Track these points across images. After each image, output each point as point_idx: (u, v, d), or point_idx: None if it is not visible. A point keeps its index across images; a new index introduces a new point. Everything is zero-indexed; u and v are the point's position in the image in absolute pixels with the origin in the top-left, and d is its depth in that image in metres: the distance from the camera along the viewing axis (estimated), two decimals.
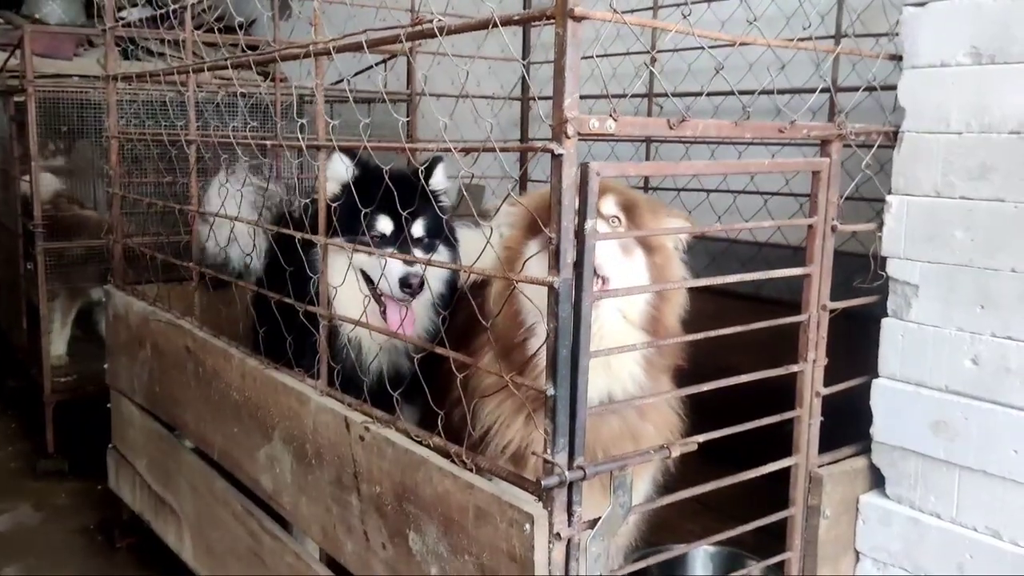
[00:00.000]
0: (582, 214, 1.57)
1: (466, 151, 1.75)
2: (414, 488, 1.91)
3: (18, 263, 4.99)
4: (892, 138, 2.06)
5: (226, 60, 2.53)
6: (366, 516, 2.09)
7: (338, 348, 2.43)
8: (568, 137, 1.53)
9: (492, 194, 4.60)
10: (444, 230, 2.51)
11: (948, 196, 1.96)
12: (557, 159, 1.54)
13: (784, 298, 3.05)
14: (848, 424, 2.16)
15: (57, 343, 4.90)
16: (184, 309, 3.10)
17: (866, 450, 2.13)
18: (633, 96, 3.87)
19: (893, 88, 2.09)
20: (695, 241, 3.55)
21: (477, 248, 1.91)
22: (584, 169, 1.56)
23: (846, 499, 2.10)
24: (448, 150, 1.77)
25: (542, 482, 1.59)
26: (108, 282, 3.69)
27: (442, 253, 2.52)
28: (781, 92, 2.43)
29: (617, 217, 2.08)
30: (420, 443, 1.95)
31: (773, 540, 2.10)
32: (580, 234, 1.57)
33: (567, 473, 1.60)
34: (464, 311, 2.21)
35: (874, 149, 2.06)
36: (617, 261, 1.99)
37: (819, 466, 2.05)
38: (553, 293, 1.57)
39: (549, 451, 1.61)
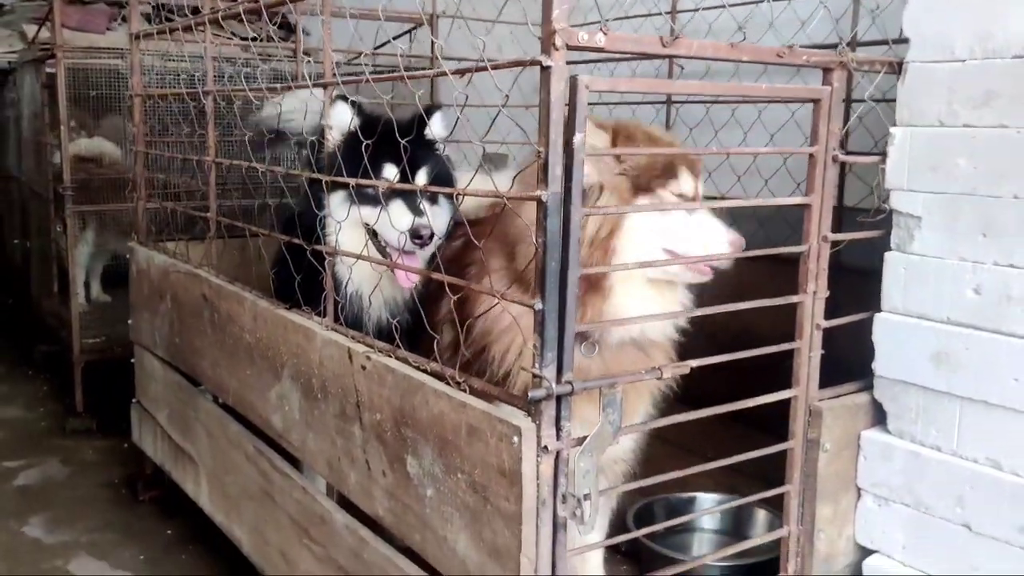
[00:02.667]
0: (570, 127, 1.57)
1: (460, 73, 1.76)
2: (412, 412, 1.94)
3: (50, 231, 5.12)
4: (896, 69, 2.03)
5: (239, 4, 2.56)
6: (368, 445, 2.12)
7: (342, 301, 2.44)
8: (556, 49, 1.54)
9: (514, 160, 4.60)
10: (447, 180, 2.48)
11: (952, 125, 1.93)
12: (546, 71, 1.55)
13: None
14: None
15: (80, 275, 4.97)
16: (201, 260, 3.15)
17: (869, 387, 2.12)
18: (654, 58, 3.87)
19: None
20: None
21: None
22: (573, 81, 1.56)
23: (847, 434, 2.08)
24: (443, 73, 1.79)
25: (529, 394, 1.61)
26: (132, 239, 3.77)
27: (443, 205, 2.49)
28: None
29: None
30: (418, 369, 1.97)
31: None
32: (569, 147, 1.58)
33: (555, 387, 1.61)
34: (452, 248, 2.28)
35: (878, 79, 2.04)
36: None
37: (819, 400, 2.04)
38: (542, 207, 1.58)
39: (537, 365, 1.63)
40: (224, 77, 3.36)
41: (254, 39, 4.71)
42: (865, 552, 2.12)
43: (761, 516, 2.67)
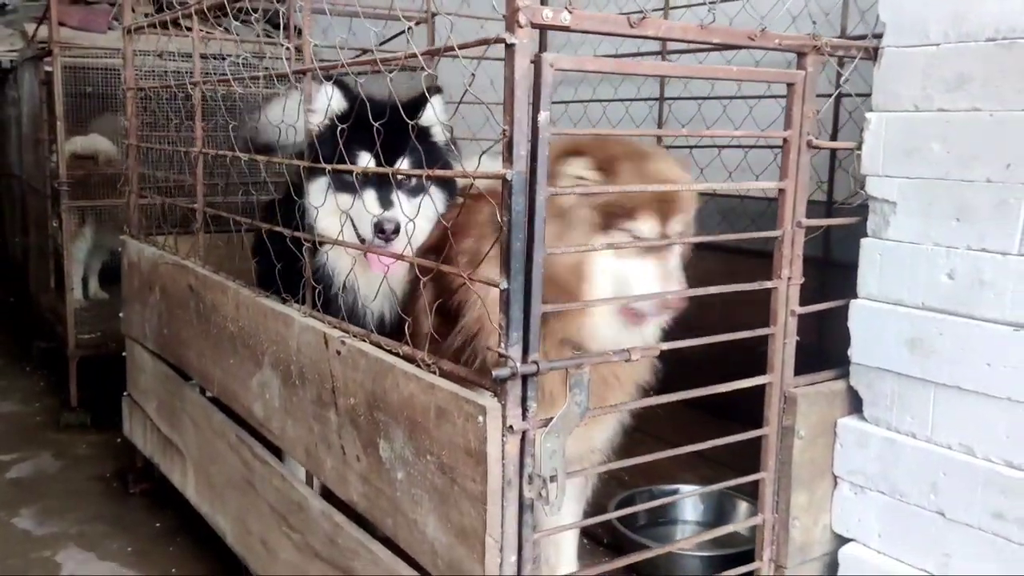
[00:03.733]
0: (535, 106, 1.57)
1: (430, 54, 1.76)
2: (383, 395, 1.94)
3: (48, 227, 5.14)
4: (872, 55, 2.03)
5: None
6: (343, 430, 2.12)
7: (331, 297, 2.42)
8: (520, 26, 1.53)
9: None
10: (436, 168, 2.44)
11: (926, 109, 1.93)
12: (510, 49, 1.54)
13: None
14: None
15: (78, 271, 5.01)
16: (189, 251, 3.17)
17: (845, 374, 2.11)
18: (647, 54, 3.87)
19: None
20: (707, 199, 3.55)
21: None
22: (538, 60, 1.56)
23: (823, 421, 2.07)
24: (414, 55, 1.79)
25: (494, 373, 1.60)
26: (124, 232, 3.79)
27: (433, 194, 2.42)
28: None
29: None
30: (390, 352, 1.97)
31: None
32: (534, 126, 1.58)
33: (520, 366, 1.61)
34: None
35: (854, 64, 2.04)
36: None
37: (795, 387, 2.03)
38: (507, 186, 1.58)
39: (503, 345, 1.62)
40: (217, 73, 3.38)
41: (257, 36, 4.72)
42: (841, 540, 2.10)
43: (743, 508, 2.67)
